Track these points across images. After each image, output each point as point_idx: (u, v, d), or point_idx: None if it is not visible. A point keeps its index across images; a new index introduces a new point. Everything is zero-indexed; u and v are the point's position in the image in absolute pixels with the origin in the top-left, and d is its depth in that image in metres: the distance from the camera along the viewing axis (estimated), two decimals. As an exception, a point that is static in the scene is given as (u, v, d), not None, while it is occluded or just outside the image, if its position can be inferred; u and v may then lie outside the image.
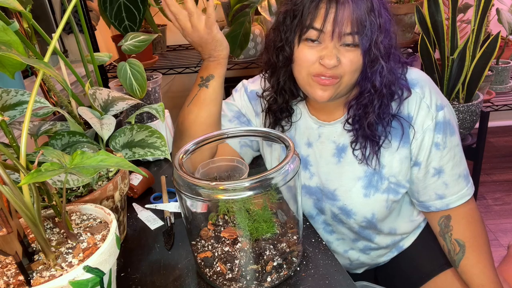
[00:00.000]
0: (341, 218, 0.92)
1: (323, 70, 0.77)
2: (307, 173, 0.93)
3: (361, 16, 0.73)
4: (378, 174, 0.87)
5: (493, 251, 1.79)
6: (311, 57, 0.78)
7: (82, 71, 1.43)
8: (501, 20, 1.71)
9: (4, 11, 0.64)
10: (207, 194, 0.59)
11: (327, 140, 0.90)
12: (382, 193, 0.87)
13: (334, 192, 0.90)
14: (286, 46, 0.82)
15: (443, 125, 0.84)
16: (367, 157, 0.85)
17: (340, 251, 1.00)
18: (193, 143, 0.69)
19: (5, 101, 0.67)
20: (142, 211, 0.90)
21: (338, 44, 0.76)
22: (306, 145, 0.93)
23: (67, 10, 0.58)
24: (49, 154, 0.49)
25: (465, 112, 1.65)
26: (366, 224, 0.91)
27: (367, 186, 0.87)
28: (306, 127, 0.92)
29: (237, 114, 0.98)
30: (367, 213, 0.89)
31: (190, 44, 0.97)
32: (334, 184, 0.90)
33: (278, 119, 0.93)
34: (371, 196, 0.87)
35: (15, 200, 0.44)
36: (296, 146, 0.93)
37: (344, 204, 0.90)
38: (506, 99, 1.88)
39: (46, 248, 0.48)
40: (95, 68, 0.88)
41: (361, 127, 0.84)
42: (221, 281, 0.65)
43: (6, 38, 0.45)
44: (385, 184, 0.87)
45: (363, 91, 0.81)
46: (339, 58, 0.76)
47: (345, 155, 0.88)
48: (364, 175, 0.87)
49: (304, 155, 0.93)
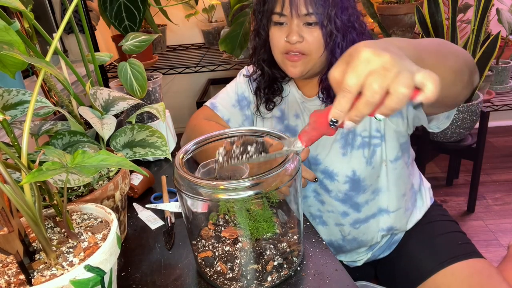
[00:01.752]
0: (326, 183, 0.99)
1: (290, 47, 0.87)
2: None
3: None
4: (352, 132, 0.95)
5: (493, 251, 1.80)
6: (280, 37, 0.89)
7: (83, 71, 1.43)
8: (501, 20, 1.72)
9: (5, 11, 0.64)
10: (208, 193, 0.59)
11: (309, 113, 0.97)
12: (357, 149, 0.95)
13: (317, 156, 0.99)
14: (261, 30, 0.94)
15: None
16: None
17: (332, 223, 1.03)
18: (193, 143, 0.70)
19: (7, 101, 0.67)
20: (142, 210, 0.90)
21: (301, 23, 0.86)
22: (295, 117, 1.03)
23: (68, 10, 0.58)
24: (50, 154, 0.49)
25: (465, 112, 1.65)
26: (350, 185, 0.97)
27: (344, 146, 0.96)
28: (293, 101, 1.03)
29: (240, 97, 1.08)
30: (348, 171, 0.96)
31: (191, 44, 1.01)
32: (316, 149, 0.99)
33: (268, 97, 1.03)
34: (348, 154, 0.96)
35: (17, 199, 0.44)
36: (287, 117, 1.05)
37: (326, 166, 0.98)
38: (506, 99, 1.88)
39: (47, 247, 0.48)
40: (96, 68, 0.88)
41: (328, 97, 0.94)
42: (221, 281, 0.65)
43: (8, 37, 0.45)
44: (359, 140, 0.95)
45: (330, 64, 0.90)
46: (303, 36, 0.86)
47: None
48: (340, 136, 0.96)
49: (293, 125, 1.03)
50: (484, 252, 1.03)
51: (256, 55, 0.99)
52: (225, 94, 1.10)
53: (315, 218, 1.05)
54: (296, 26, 0.86)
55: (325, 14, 0.84)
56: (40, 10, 1.65)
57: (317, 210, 1.04)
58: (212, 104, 1.10)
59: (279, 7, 0.86)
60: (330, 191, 0.99)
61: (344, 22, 0.86)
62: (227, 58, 1.87)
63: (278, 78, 1.01)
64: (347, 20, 0.87)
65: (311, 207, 1.04)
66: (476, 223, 1.94)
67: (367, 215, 1.00)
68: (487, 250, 1.77)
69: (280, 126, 1.05)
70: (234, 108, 1.08)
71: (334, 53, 0.88)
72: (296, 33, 0.85)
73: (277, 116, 1.05)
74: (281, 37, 0.88)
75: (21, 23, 0.79)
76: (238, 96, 1.08)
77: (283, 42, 0.88)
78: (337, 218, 1.01)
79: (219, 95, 1.12)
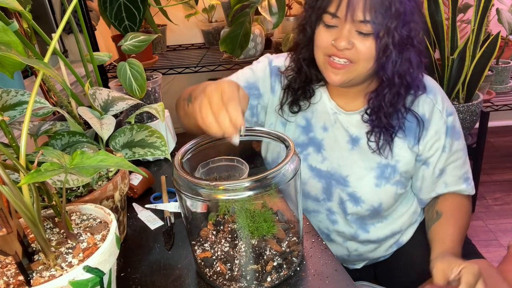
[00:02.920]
0: (347, 205, 0.94)
1: (335, 52, 0.79)
2: (319, 157, 0.95)
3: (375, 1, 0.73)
4: (391, 167, 0.90)
5: (493, 251, 1.80)
6: (326, 39, 0.80)
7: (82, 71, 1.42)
8: (501, 20, 1.71)
9: (4, 11, 0.64)
10: (207, 194, 0.59)
11: (342, 127, 0.92)
12: (392, 185, 0.91)
13: (346, 178, 0.92)
14: (307, 26, 0.84)
15: (451, 129, 0.89)
16: (380, 147, 0.88)
17: (339, 241, 1.02)
18: (193, 143, 0.69)
19: (5, 101, 0.67)
20: (142, 211, 0.90)
21: (353, 29, 0.77)
22: (322, 129, 0.94)
23: (67, 10, 0.58)
24: (49, 154, 0.49)
25: (465, 112, 1.65)
26: (371, 213, 0.94)
27: (379, 177, 0.90)
28: (323, 111, 0.94)
29: (250, 85, 0.97)
30: (375, 202, 0.92)
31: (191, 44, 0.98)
32: (346, 170, 0.92)
33: (296, 98, 0.94)
34: (382, 187, 0.91)
35: (15, 200, 0.44)
36: (312, 129, 0.96)
37: (354, 191, 0.92)
38: (506, 99, 1.88)
39: (46, 248, 0.48)
40: (95, 68, 0.88)
41: (377, 117, 0.86)
42: (221, 281, 0.65)
43: (6, 38, 0.45)
44: (397, 177, 0.91)
45: (380, 81, 0.83)
46: (353, 42, 0.77)
47: (359, 144, 0.91)
48: (377, 166, 0.90)
49: (319, 138, 0.94)
50: (484, 252, 1.03)
51: (297, 52, 0.90)
52: (234, 77, 0.99)
53: (322, 234, 1.02)
54: (347, 31, 0.77)
55: (383, 25, 0.75)
56: (40, 10, 1.64)
57: (326, 228, 1.01)
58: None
59: (334, 7, 0.77)
60: (347, 214, 0.96)
61: (403, 37, 0.77)
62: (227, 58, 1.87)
63: (313, 81, 0.92)
64: (407, 35, 0.78)
65: (320, 222, 1.01)
66: (476, 223, 1.94)
67: (378, 237, 0.99)
68: (487, 250, 1.76)
69: (304, 137, 0.96)
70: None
71: (386, 69, 0.79)
72: (346, 38, 0.77)
73: (301, 125, 0.96)
74: (328, 39, 0.80)
75: (20, 24, 0.78)
76: (248, 84, 0.97)
77: (329, 45, 0.80)
78: (346, 238, 1.00)
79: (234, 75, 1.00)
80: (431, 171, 0.91)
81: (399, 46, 0.78)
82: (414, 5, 0.78)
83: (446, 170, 0.92)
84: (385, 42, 0.76)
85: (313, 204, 0.99)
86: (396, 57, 0.78)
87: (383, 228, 0.98)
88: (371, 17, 0.74)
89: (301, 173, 0.95)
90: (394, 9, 0.74)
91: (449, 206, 0.93)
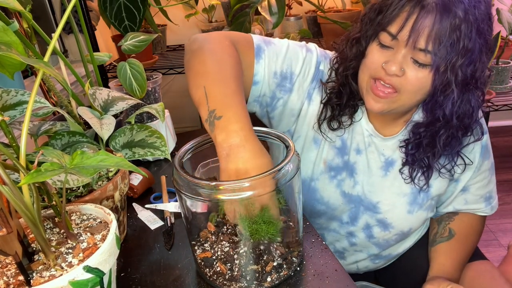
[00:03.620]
0: (374, 230, 0.91)
1: (383, 75, 0.71)
2: (351, 181, 0.89)
3: (442, 30, 0.65)
4: (424, 192, 0.86)
5: (493, 251, 1.80)
6: (378, 60, 0.72)
7: (82, 71, 1.42)
8: (501, 20, 1.71)
9: (4, 11, 0.64)
10: (207, 194, 0.58)
11: (376, 151, 0.86)
12: (424, 210, 0.88)
13: (377, 204, 0.88)
14: (362, 39, 0.76)
15: (484, 149, 0.86)
16: (414, 178, 0.84)
17: (351, 260, 1.00)
18: (193, 143, 0.69)
19: (5, 101, 0.67)
20: (142, 211, 0.90)
21: (409, 56, 0.69)
22: (355, 151, 0.87)
23: (67, 10, 0.58)
24: (49, 154, 0.49)
25: (465, 112, 1.65)
26: (398, 237, 0.92)
27: (412, 203, 0.87)
28: (359, 132, 0.86)
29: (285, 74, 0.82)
30: (405, 228, 0.90)
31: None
32: (377, 196, 0.88)
33: (338, 113, 0.84)
34: (414, 213, 0.88)
35: (15, 200, 0.44)
36: (348, 152, 0.87)
37: (385, 218, 0.89)
38: (506, 99, 1.88)
39: (46, 248, 0.48)
40: (95, 68, 0.88)
41: (418, 151, 0.79)
42: (221, 281, 0.65)
43: (6, 38, 0.45)
44: (429, 202, 0.88)
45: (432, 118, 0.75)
46: (405, 69, 0.70)
47: (392, 169, 0.86)
48: (410, 192, 0.87)
49: (352, 161, 0.87)
50: (484, 252, 1.03)
51: (344, 66, 0.80)
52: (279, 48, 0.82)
53: (335, 252, 0.99)
54: (402, 56, 0.69)
55: (445, 59, 0.67)
56: (40, 11, 1.64)
57: (342, 248, 0.98)
58: (259, 47, 0.80)
59: (396, 28, 0.68)
60: (373, 237, 0.92)
61: (467, 76, 0.69)
62: (227, 58, 1.86)
63: (356, 97, 0.83)
64: (471, 75, 0.70)
65: (337, 242, 0.98)
66: (476, 223, 1.94)
67: (390, 253, 0.98)
68: (487, 250, 1.76)
69: (339, 160, 0.88)
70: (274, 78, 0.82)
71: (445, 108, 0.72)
72: (399, 64, 0.69)
73: (337, 146, 0.88)
74: (380, 59, 0.72)
75: (20, 24, 0.78)
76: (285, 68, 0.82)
77: (379, 66, 0.72)
78: (361, 256, 0.99)
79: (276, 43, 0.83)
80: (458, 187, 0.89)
81: (461, 85, 0.70)
82: (484, 44, 0.69)
83: (470, 189, 0.90)
84: (447, 79, 0.69)
85: (335, 224, 0.95)
86: (458, 97, 0.71)
87: (397, 247, 0.97)
88: (434, 48, 0.66)
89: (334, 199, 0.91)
90: (462, 45, 0.66)
91: (465, 228, 0.91)
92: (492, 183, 0.93)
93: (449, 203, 0.92)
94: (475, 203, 0.91)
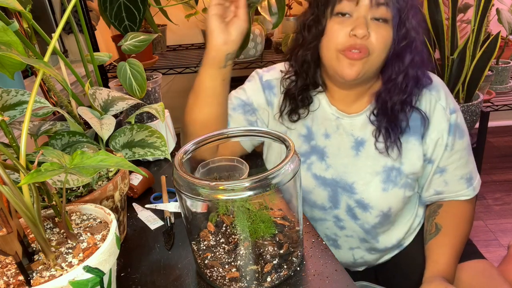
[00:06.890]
0: (356, 212, 0.93)
1: (353, 42, 0.76)
2: (323, 164, 0.93)
3: None
4: (396, 170, 0.88)
5: (493, 251, 1.80)
6: (341, 31, 0.77)
7: (82, 71, 1.43)
8: (501, 20, 1.71)
9: (4, 11, 0.64)
10: (207, 194, 0.58)
11: (345, 133, 0.90)
12: (399, 188, 0.89)
13: (352, 185, 0.91)
14: (317, 19, 0.81)
15: (454, 127, 0.88)
16: (388, 147, 0.86)
17: (346, 247, 1.01)
18: (192, 143, 0.69)
19: (5, 101, 0.67)
20: (142, 211, 0.90)
21: (369, 15, 0.76)
22: (324, 136, 0.92)
23: (67, 10, 0.58)
24: (49, 154, 0.49)
25: (465, 112, 1.65)
26: (381, 219, 0.93)
27: (386, 181, 0.89)
28: (324, 117, 0.91)
29: (243, 103, 0.96)
30: (384, 207, 0.91)
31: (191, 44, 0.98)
32: (352, 177, 0.90)
33: (295, 105, 0.91)
34: (389, 191, 0.89)
35: (15, 200, 0.44)
36: (314, 137, 0.93)
37: (362, 198, 0.91)
38: (506, 99, 1.88)
39: (46, 248, 0.48)
40: (95, 68, 0.88)
41: (385, 116, 0.84)
42: (221, 281, 0.65)
43: (6, 38, 0.45)
44: (404, 179, 0.89)
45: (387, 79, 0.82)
46: (370, 32, 0.76)
47: (363, 148, 0.89)
48: (382, 170, 0.89)
49: (321, 146, 0.92)
50: (484, 252, 1.03)
51: (300, 54, 0.86)
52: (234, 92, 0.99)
53: (328, 240, 1.01)
54: (364, 18, 0.75)
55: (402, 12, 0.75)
56: (40, 10, 1.64)
57: (333, 234, 1.00)
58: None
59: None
60: (357, 219, 0.94)
61: (416, 27, 0.77)
62: (227, 58, 1.86)
63: (310, 87, 0.90)
64: (418, 24, 0.78)
65: (327, 229, 1.00)
66: (476, 223, 1.94)
67: (385, 246, 0.99)
68: (487, 250, 1.77)
69: (306, 146, 0.94)
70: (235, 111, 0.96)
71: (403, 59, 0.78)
72: (365, 26, 0.74)
73: (302, 134, 0.94)
74: (343, 30, 0.77)
75: (20, 24, 0.78)
76: (242, 102, 0.97)
77: (345, 37, 0.76)
78: (355, 243, 0.99)
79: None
80: (434, 169, 0.90)
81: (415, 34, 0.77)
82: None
83: (448, 169, 0.91)
84: (404, 30, 0.75)
85: (319, 213, 0.97)
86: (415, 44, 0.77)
87: (390, 236, 0.98)
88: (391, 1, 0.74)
89: (306, 182, 0.94)
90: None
91: (451, 219, 0.91)
92: (471, 163, 0.94)
93: (428, 185, 0.93)
94: (456, 185, 0.92)
